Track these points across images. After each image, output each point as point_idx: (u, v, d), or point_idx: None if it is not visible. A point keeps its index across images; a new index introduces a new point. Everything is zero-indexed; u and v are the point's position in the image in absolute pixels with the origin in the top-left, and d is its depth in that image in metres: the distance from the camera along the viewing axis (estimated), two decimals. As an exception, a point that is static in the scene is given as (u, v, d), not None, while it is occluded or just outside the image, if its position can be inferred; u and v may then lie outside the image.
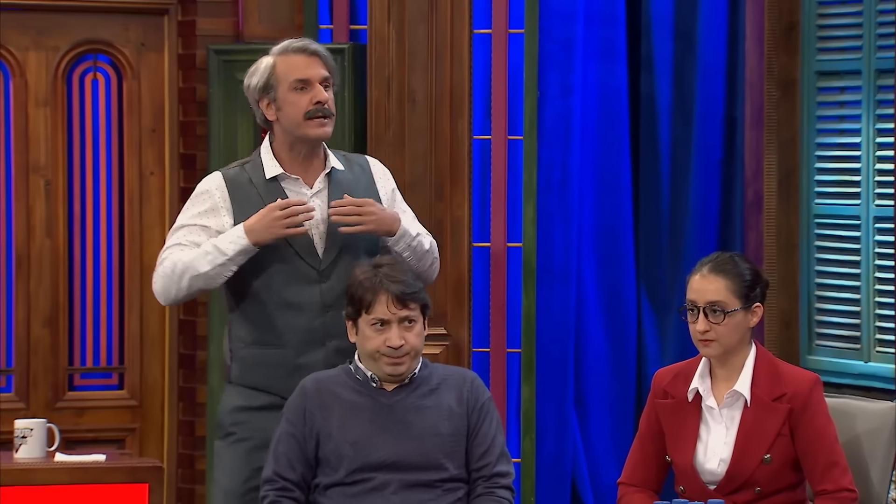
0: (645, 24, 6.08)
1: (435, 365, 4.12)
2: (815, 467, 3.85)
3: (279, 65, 4.12)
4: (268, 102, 4.12)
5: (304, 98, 4.09)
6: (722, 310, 3.88)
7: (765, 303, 3.96)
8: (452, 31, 5.30)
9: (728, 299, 3.88)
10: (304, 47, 4.14)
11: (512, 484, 4.04)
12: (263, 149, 4.17)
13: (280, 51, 4.15)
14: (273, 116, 4.13)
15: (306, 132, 4.11)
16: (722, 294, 3.88)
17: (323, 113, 4.11)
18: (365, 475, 3.95)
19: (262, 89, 4.12)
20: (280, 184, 4.13)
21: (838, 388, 5.24)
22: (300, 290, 4.09)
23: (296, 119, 4.10)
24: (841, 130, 5.55)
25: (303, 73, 4.11)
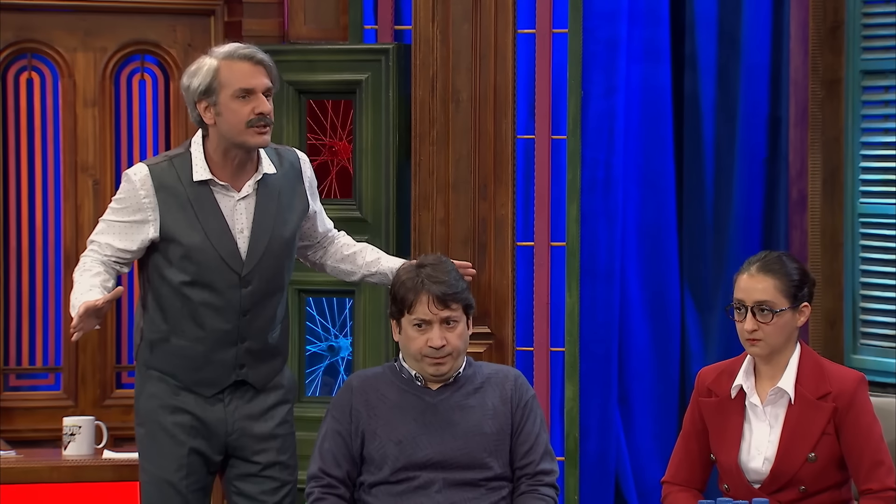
0: (689, 23, 6.07)
1: (479, 364, 4.13)
2: (860, 466, 3.85)
3: (223, 70, 4.04)
4: (207, 105, 4.04)
5: (246, 107, 4.04)
6: (770, 309, 3.88)
7: (812, 302, 3.96)
8: (496, 30, 5.30)
9: (776, 299, 3.88)
10: (250, 55, 4.07)
11: (556, 482, 4.06)
12: (195, 147, 4.11)
13: (225, 55, 4.07)
14: (211, 121, 4.06)
15: (246, 140, 4.06)
16: (770, 294, 3.88)
17: (264, 122, 4.07)
18: (409, 474, 3.97)
19: (203, 92, 4.04)
20: (209, 188, 4.08)
21: (883, 387, 5.22)
22: (222, 293, 4.06)
23: (237, 127, 4.04)
24: (885, 130, 5.53)
25: (247, 83, 4.05)
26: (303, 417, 5.36)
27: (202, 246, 4.04)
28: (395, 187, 5.37)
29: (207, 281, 4.06)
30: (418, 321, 3.97)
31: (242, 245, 4.08)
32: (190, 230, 4.05)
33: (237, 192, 4.09)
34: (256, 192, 4.11)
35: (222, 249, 4.06)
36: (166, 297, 4.08)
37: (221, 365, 4.10)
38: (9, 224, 5.47)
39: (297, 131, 5.44)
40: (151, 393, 4.14)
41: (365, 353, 5.35)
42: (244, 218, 4.09)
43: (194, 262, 4.05)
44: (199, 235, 4.05)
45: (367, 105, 5.36)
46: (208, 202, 4.07)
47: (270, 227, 4.11)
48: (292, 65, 5.40)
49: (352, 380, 4.12)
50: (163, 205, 4.06)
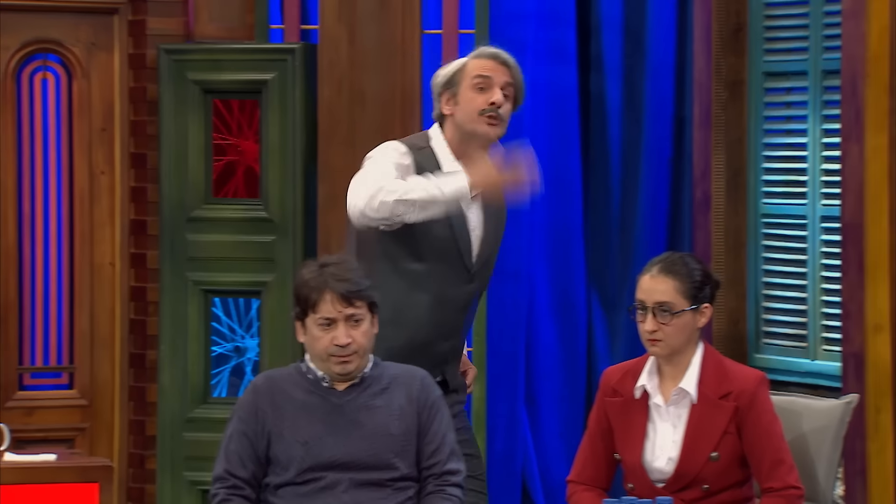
0: (595, 24, 6.11)
1: (386, 364, 4.12)
2: (761, 465, 3.88)
3: (469, 64, 4.26)
4: (448, 97, 4.24)
5: (481, 97, 4.21)
6: (670, 310, 3.90)
7: (714, 303, 3.99)
8: (403, 31, 5.31)
9: (676, 300, 3.91)
10: (496, 54, 4.28)
11: (462, 481, 4.04)
12: (436, 142, 4.26)
13: (475, 54, 4.30)
14: (449, 111, 4.24)
15: (476, 128, 4.22)
16: (670, 295, 3.91)
17: (496, 114, 4.22)
18: (315, 474, 3.95)
19: (447, 83, 4.24)
20: None
21: (785, 385, 5.28)
22: (454, 288, 4.22)
23: (470, 115, 4.20)
24: (788, 131, 5.59)
25: (487, 71, 4.23)
26: (208, 419, 5.35)
27: (444, 238, 4.17)
28: (302, 187, 5.36)
29: (443, 274, 4.19)
30: (323, 320, 3.96)
31: (475, 242, 4.25)
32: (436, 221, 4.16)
33: None
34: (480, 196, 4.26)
35: (462, 244, 4.21)
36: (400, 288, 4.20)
37: (434, 358, 4.23)
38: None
39: (203, 131, 5.42)
40: None
41: (272, 354, 5.34)
42: (475, 217, 4.25)
43: (434, 252, 4.18)
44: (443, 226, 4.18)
45: (274, 105, 5.35)
46: None
47: (493, 230, 4.32)
48: (197, 64, 5.38)
49: (257, 380, 4.09)
50: None
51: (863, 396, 4.85)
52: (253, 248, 5.38)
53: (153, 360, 5.56)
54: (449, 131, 4.26)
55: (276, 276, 5.38)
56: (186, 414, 5.46)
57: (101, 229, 5.64)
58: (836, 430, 4.02)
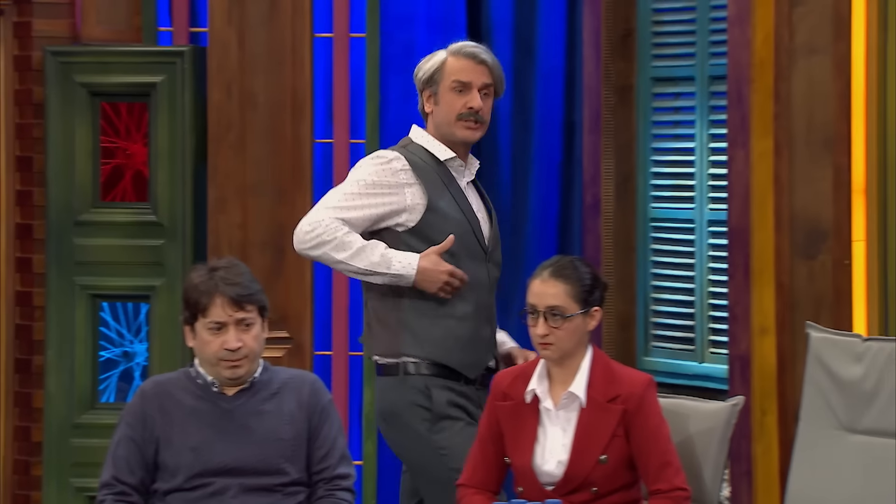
0: (485, 29, 6.12)
1: (276, 368, 4.12)
2: (648, 467, 3.92)
3: (448, 63, 4.31)
4: (429, 95, 4.31)
5: (459, 100, 4.27)
6: (561, 314, 3.93)
7: (603, 306, 4.03)
8: (294, 34, 5.31)
9: (567, 304, 3.94)
10: (474, 54, 4.33)
11: (353, 486, 4.06)
12: (418, 138, 4.34)
13: (454, 50, 4.33)
14: (430, 109, 4.32)
15: (454, 132, 4.30)
16: (561, 299, 3.94)
17: (475, 118, 4.30)
18: (204, 480, 3.94)
19: (427, 81, 4.32)
20: (448, 169, 4.34)
21: (674, 388, 5.32)
22: (478, 270, 4.31)
23: (448, 118, 4.29)
24: (676, 136, 5.63)
25: (465, 76, 4.29)
26: (96, 424, 5.30)
27: (460, 221, 4.29)
28: (191, 191, 5.34)
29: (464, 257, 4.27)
30: (213, 324, 3.95)
31: (483, 222, 4.38)
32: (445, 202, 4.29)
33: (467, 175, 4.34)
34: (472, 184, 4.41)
35: (474, 225, 4.33)
36: None
37: (486, 344, 4.30)
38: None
39: (90, 134, 5.37)
40: None
41: (161, 359, 5.31)
42: (474, 199, 4.39)
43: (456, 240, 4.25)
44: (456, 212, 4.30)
45: (163, 108, 5.32)
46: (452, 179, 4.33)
47: (489, 210, 4.44)
48: (85, 66, 5.34)
49: (146, 386, 4.07)
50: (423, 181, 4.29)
51: (749, 398, 4.91)
52: (141, 252, 5.35)
53: (39, 366, 5.50)
54: (431, 127, 4.35)
55: (165, 280, 5.35)
56: (73, 420, 5.41)
57: (-13, 234, 5.59)
58: (722, 431, 4.06)
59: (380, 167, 4.29)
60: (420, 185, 4.29)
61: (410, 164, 4.30)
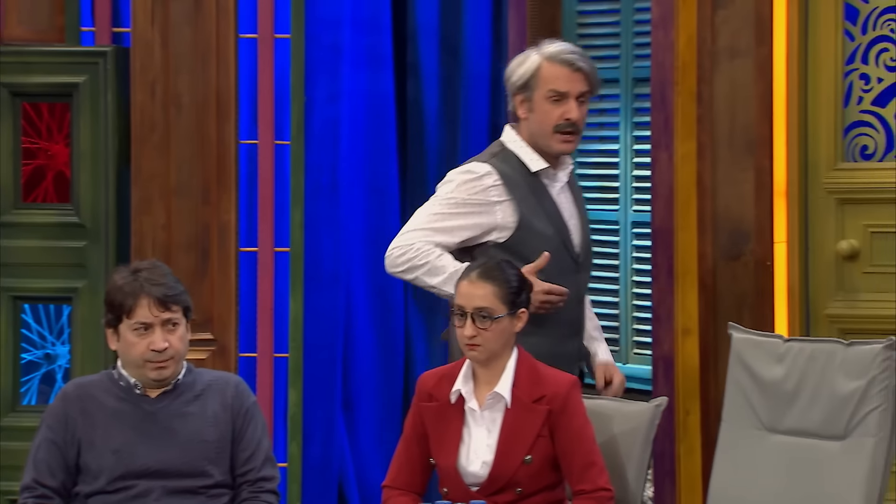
0: (411, 31, 6.16)
1: (199, 370, 4.12)
2: (572, 467, 3.93)
3: (543, 69, 4.21)
4: (522, 100, 4.23)
5: (557, 111, 4.19)
6: (489, 316, 3.94)
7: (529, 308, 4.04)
8: (218, 34, 5.28)
9: (495, 305, 3.95)
10: (571, 61, 4.23)
11: (277, 488, 4.05)
12: (511, 144, 4.26)
13: (549, 55, 4.23)
14: (524, 115, 4.25)
15: (550, 144, 4.23)
16: (489, 300, 3.94)
17: (572, 129, 4.22)
18: (127, 483, 3.93)
19: (521, 87, 4.22)
20: (541, 179, 4.26)
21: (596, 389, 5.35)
22: (568, 281, 4.23)
23: (544, 129, 4.22)
24: (601, 137, 5.67)
25: (562, 86, 4.20)
26: (17, 427, 5.24)
27: (550, 235, 4.23)
28: (114, 192, 5.30)
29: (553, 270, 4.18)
30: (139, 325, 3.94)
31: (574, 230, 4.29)
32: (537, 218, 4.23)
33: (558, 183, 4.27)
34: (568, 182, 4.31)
35: (564, 235, 4.26)
36: None
37: (567, 359, 4.22)
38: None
39: (11, 134, 5.31)
40: None
41: (83, 361, 5.27)
42: (567, 205, 4.30)
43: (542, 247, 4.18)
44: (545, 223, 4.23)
45: (86, 108, 5.27)
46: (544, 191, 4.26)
47: (584, 214, 4.37)
48: (6, 66, 5.28)
49: (67, 388, 4.06)
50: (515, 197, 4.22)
51: (672, 399, 4.95)
52: (64, 254, 5.30)
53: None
54: (524, 133, 4.28)
55: (87, 282, 5.30)
56: (-6, 423, 5.36)
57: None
58: (645, 432, 4.09)
59: (470, 184, 4.22)
60: (512, 202, 4.22)
61: (502, 179, 4.23)
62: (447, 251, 4.23)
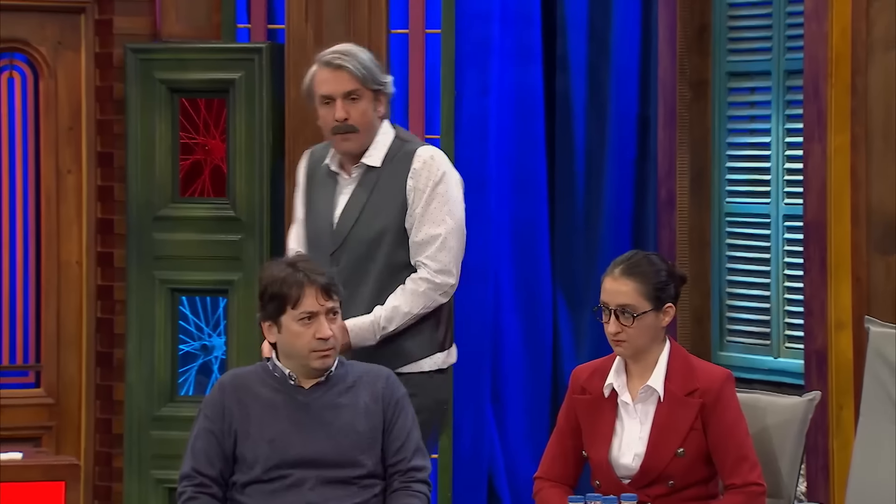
0: (560, 24, 6.14)
1: (351, 363, 4.15)
2: (725, 461, 3.91)
3: (315, 75, 4.27)
4: (314, 108, 4.31)
5: (329, 114, 4.23)
6: (632, 313, 3.91)
7: (678, 300, 4.01)
8: (370, 30, 5.33)
9: (638, 302, 3.91)
10: (328, 61, 4.23)
11: (428, 478, 4.07)
12: None
13: (318, 61, 4.28)
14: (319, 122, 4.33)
15: (333, 146, 4.31)
16: (632, 297, 3.91)
17: (345, 129, 4.23)
18: (282, 472, 3.97)
19: (308, 97, 4.30)
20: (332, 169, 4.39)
21: (749, 383, 5.32)
22: None
23: (326, 132, 4.30)
24: (751, 130, 5.64)
25: (325, 89, 4.22)
26: (175, 417, 5.35)
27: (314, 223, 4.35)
28: (268, 186, 5.37)
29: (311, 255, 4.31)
30: (305, 314, 3.97)
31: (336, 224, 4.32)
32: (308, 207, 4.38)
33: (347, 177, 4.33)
34: (359, 180, 4.33)
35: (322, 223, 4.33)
36: None
37: None
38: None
39: (170, 130, 5.42)
40: None
41: (238, 353, 5.36)
42: (343, 201, 4.33)
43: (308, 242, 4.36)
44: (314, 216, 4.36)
45: (241, 104, 5.36)
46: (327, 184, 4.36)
47: (358, 213, 4.33)
48: (164, 63, 5.39)
49: (224, 379, 4.11)
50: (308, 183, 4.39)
51: (825, 393, 4.90)
52: (220, 247, 5.39)
53: (120, 359, 5.57)
54: None
55: (242, 274, 5.39)
56: (153, 412, 5.47)
57: (68, 228, 5.63)
58: (799, 426, 4.05)
59: None
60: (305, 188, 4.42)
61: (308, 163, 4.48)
62: None
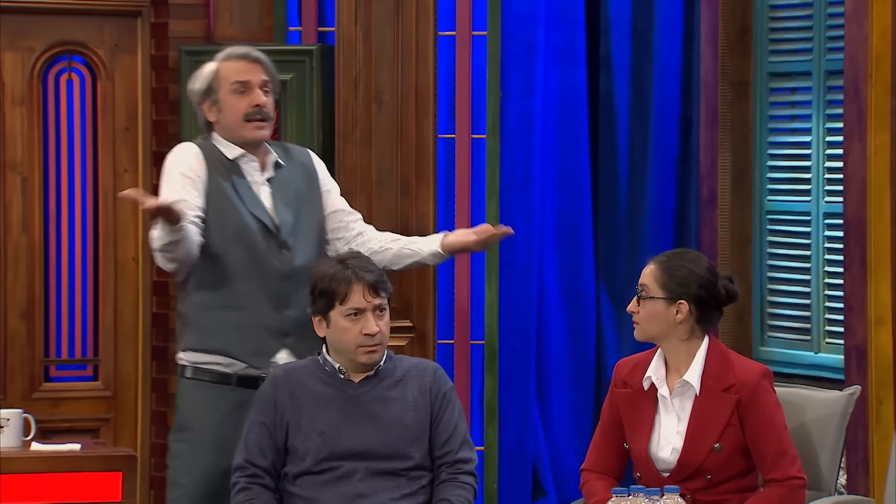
0: (603, 26, 6.11)
1: (399, 357, 4.18)
2: (764, 457, 3.92)
3: (221, 70, 4.26)
4: (209, 105, 4.27)
5: (243, 101, 4.23)
6: (645, 294, 3.96)
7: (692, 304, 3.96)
8: (418, 32, 5.33)
9: (651, 285, 3.95)
10: (245, 54, 4.28)
11: (475, 470, 4.12)
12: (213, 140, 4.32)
13: (223, 57, 4.29)
14: (214, 118, 4.28)
15: (244, 134, 4.27)
16: (648, 279, 3.95)
17: (261, 116, 4.24)
18: (332, 463, 4.02)
19: (205, 92, 4.26)
20: (239, 164, 4.28)
21: (789, 378, 5.32)
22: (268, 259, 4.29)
23: (235, 121, 4.25)
24: (792, 130, 5.64)
25: (243, 76, 4.24)
26: (229, 410, 5.40)
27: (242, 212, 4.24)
28: (318, 185, 5.41)
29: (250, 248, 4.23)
30: (352, 310, 4.02)
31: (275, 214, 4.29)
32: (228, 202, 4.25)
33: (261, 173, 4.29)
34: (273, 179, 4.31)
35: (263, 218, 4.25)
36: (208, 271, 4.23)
37: (272, 332, 4.25)
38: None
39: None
40: None
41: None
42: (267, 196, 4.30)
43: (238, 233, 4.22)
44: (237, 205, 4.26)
45: (293, 104, 5.37)
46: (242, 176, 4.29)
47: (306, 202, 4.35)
48: (218, 65, 5.43)
49: (276, 372, 4.15)
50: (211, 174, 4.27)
51: (865, 388, 4.90)
52: (272, 245, 5.43)
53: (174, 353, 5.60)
54: (220, 133, 4.31)
55: (294, 271, 5.41)
56: (207, 405, 5.50)
57: (125, 226, 5.67)
58: (839, 420, 4.06)
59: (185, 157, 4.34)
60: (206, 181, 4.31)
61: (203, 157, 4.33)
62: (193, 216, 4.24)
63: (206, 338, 4.26)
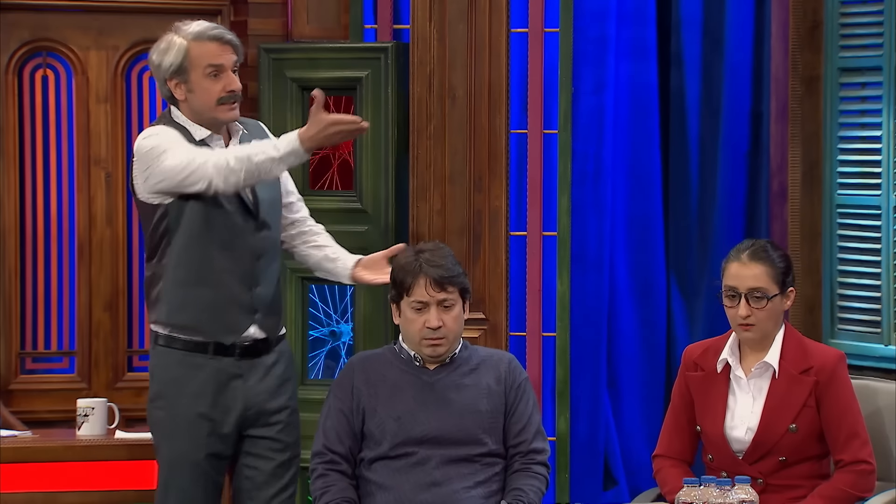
0: (674, 22, 6.10)
1: (475, 347, 4.24)
2: (837, 437, 3.95)
3: (193, 50, 4.19)
4: (177, 83, 4.19)
5: (217, 85, 4.18)
6: (764, 295, 3.97)
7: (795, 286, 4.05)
8: (491, 29, 5.35)
9: (768, 285, 3.99)
10: (219, 36, 4.23)
11: (547, 460, 4.16)
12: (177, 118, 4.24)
13: (194, 35, 4.21)
14: (182, 97, 4.20)
15: (217, 116, 4.21)
16: (762, 280, 3.98)
17: (234, 99, 4.22)
18: (408, 449, 4.08)
19: (175, 72, 4.18)
20: (208, 144, 4.23)
21: (859, 369, 5.29)
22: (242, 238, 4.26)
23: (208, 104, 4.19)
24: (862, 124, 5.62)
25: (219, 60, 4.19)
26: (306, 399, 5.40)
27: None
28: (394, 180, 5.39)
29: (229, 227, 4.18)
30: (417, 303, 4.08)
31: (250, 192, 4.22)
32: None
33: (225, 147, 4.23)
34: None
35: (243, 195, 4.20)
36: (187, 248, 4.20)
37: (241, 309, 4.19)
38: (25, 215, 5.49)
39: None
40: None
41: (365, 339, 5.37)
42: None
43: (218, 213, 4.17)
44: None
45: (368, 101, 5.38)
46: None
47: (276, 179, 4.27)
48: (295, 62, 5.41)
49: (353, 360, 4.22)
50: None
51: (935, 379, 4.91)
52: (347, 238, 5.38)
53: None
54: (186, 112, 4.22)
55: (368, 264, 5.45)
56: (285, 395, 5.56)
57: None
58: (908, 411, 4.08)
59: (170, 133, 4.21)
60: None
61: None
62: None
63: (178, 313, 4.21)
